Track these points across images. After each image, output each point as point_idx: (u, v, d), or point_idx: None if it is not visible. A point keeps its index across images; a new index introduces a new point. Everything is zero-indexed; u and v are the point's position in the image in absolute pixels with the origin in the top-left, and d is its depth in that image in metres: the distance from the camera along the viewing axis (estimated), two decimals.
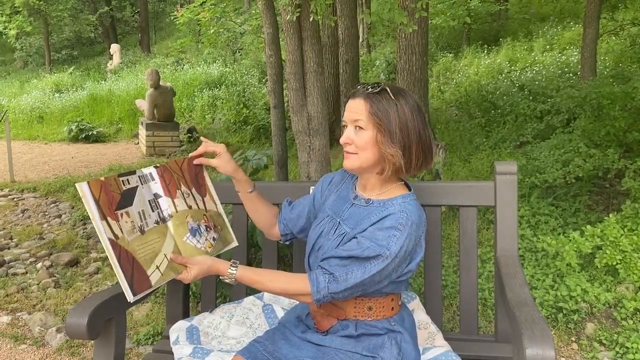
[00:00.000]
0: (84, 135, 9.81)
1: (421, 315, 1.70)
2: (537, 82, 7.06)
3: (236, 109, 8.95)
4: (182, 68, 13.04)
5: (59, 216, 5.28)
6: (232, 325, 1.72)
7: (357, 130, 1.38)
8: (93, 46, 21.46)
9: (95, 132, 9.92)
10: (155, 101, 8.35)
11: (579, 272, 2.95)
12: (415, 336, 1.48)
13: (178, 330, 1.69)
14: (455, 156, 5.54)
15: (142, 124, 8.79)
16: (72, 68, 16.35)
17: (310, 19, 3.23)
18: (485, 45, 10.36)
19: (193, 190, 1.54)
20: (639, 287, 2.89)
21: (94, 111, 11.44)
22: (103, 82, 13.81)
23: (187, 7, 8.09)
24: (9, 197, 6.08)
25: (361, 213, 1.41)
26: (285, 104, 4.41)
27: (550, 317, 2.81)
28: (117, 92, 11.92)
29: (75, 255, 4.17)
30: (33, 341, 2.95)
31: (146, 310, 3.18)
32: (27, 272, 3.92)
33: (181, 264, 1.39)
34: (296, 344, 1.45)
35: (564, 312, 2.80)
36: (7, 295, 3.52)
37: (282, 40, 3.87)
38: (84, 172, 7.25)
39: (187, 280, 1.40)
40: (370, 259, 1.31)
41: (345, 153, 1.41)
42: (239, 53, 13.36)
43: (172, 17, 10.35)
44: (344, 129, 1.41)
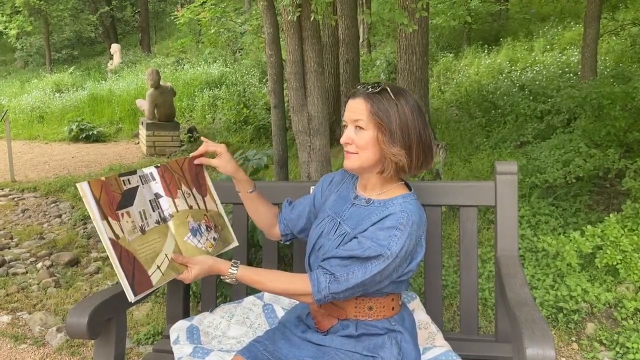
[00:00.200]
0: (84, 135, 9.81)
1: (421, 315, 1.70)
2: (537, 82, 7.06)
3: (236, 108, 8.95)
4: (183, 68, 13.04)
5: (60, 216, 5.28)
6: (233, 325, 1.72)
7: (357, 130, 1.38)
8: (93, 46, 21.45)
9: (95, 132, 9.92)
10: (156, 101, 8.36)
11: (579, 272, 2.95)
12: (415, 336, 1.48)
13: (178, 329, 1.69)
14: (455, 156, 5.54)
15: (142, 123, 8.79)
16: (73, 68, 16.35)
17: (311, 19, 3.23)
18: (486, 45, 10.36)
19: (194, 190, 1.54)
20: (639, 287, 2.89)
21: (94, 111, 11.45)
22: (103, 82, 13.82)
23: (188, 7, 8.09)
24: (10, 196, 6.09)
25: (362, 213, 1.41)
26: (286, 104, 4.41)
27: (550, 317, 2.81)
28: (118, 92, 11.93)
29: (75, 255, 4.17)
30: (33, 341, 2.95)
31: (146, 310, 3.18)
32: (27, 272, 3.92)
33: (182, 263, 1.39)
34: (296, 344, 1.45)
35: (565, 312, 2.80)
36: (8, 295, 3.53)
37: (283, 40, 3.87)
38: (85, 172, 7.25)
39: (187, 280, 1.40)
40: (371, 259, 1.31)
41: (346, 153, 1.41)
42: (239, 53, 13.36)
43: (172, 17, 10.35)
44: (345, 129, 1.41)
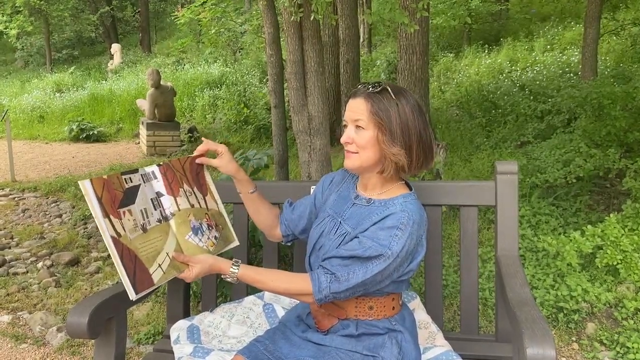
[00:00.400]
0: (84, 135, 9.81)
1: (422, 315, 1.70)
2: (537, 82, 7.06)
3: (237, 108, 8.95)
4: (183, 68, 13.03)
5: (60, 216, 5.29)
6: (233, 325, 1.72)
7: (357, 129, 1.38)
8: (94, 46, 21.45)
9: (96, 132, 9.92)
10: (156, 101, 8.35)
11: (579, 272, 2.95)
12: (415, 335, 1.48)
13: (179, 329, 1.69)
14: (456, 156, 5.54)
15: (142, 123, 8.79)
16: (73, 68, 16.36)
17: (311, 19, 3.23)
18: (486, 45, 10.36)
19: (195, 188, 1.54)
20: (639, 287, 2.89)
21: (94, 111, 11.45)
22: (104, 81, 13.82)
23: (188, 7, 8.09)
24: (10, 196, 6.09)
25: (362, 213, 1.41)
26: (286, 104, 4.41)
27: (550, 316, 2.81)
28: (118, 91, 11.93)
29: (75, 254, 4.17)
30: (34, 340, 2.95)
31: (147, 310, 3.18)
32: (27, 272, 3.93)
33: (183, 262, 1.39)
34: (297, 344, 1.45)
35: (565, 311, 2.80)
36: (8, 295, 3.53)
37: (283, 40, 3.87)
38: (85, 172, 7.26)
39: (189, 279, 1.40)
40: (372, 258, 1.31)
41: (346, 152, 1.41)
42: (239, 53, 13.36)
43: (173, 17, 10.36)
44: (345, 129, 1.42)
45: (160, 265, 1.34)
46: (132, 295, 1.27)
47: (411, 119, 1.35)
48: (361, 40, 9.54)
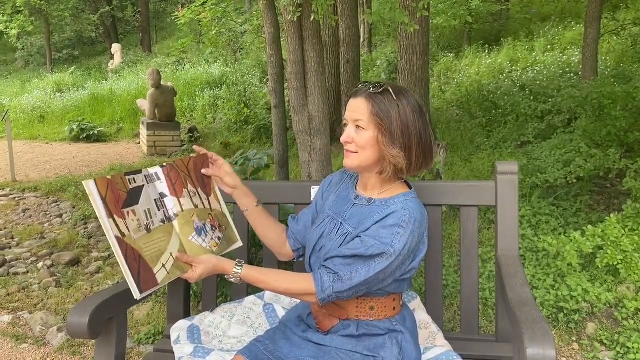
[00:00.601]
0: (85, 135, 9.82)
1: (422, 315, 1.70)
2: (538, 82, 7.06)
3: (237, 108, 8.95)
4: (183, 68, 13.04)
5: (60, 216, 5.29)
6: (233, 325, 1.72)
7: (358, 129, 1.38)
8: (94, 46, 21.46)
9: (96, 132, 9.93)
10: (157, 101, 8.36)
11: (580, 272, 2.95)
12: (416, 336, 1.48)
13: (179, 329, 1.69)
14: (456, 156, 5.54)
15: (143, 123, 8.80)
16: (74, 68, 16.36)
17: (311, 19, 3.23)
18: (487, 45, 10.36)
19: (199, 189, 1.54)
20: None
21: (95, 111, 11.45)
22: (104, 81, 13.82)
23: (189, 7, 8.10)
24: (10, 196, 6.09)
25: (363, 212, 1.42)
26: (286, 104, 4.41)
27: (551, 317, 2.81)
28: (118, 91, 11.93)
29: (76, 254, 4.18)
30: (34, 340, 2.95)
31: (147, 310, 3.18)
32: (28, 272, 3.93)
33: (187, 263, 1.39)
34: (297, 344, 1.45)
35: (565, 312, 2.80)
36: (8, 295, 3.53)
37: (283, 40, 3.87)
38: (85, 172, 7.26)
39: (192, 279, 1.39)
40: (374, 257, 1.31)
41: (346, 151, 1.41)
42: (240, 53, 13.37)
43: (173, 17, 10.36)
44: (345, 128, 1.42)
45: (164, 265, 1.34)
46: (137, 295, 1.27)
47: (412, 120, 1.35)
48: (361, 40, 9.54)
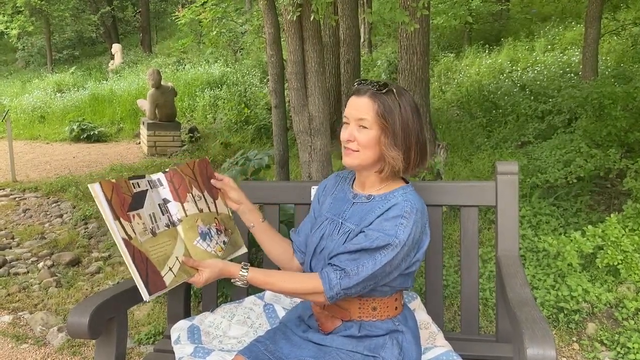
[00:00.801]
0: (85, 135, 9.82)
1: (422, 315, 1.70)
2: (538, 82, 7.06)
3: (237, 108, 8.95)
4: (184, 68, 13.04)
5: (61, 216, 5.29)
6: (233, 325, 1.72)
7: (360, 128, 1.38)
8: (94, 46, 21.46)
9: (96, 132, 9.93)
10: (157, 101, 8.36)
11: (580, 272, 2.95)
12: (417, 335, 1.48)
13: (179, 329, 1.69)
14: (456, 156, 5.54)
15: (143, 123, 8.79)
16: (74, 68, 16.35)
17: (311, 19, 3.23)
18: (487, 45, 10.36)
19: (205, 193, 1.53)
20: None
21: (95, 111, 11.45)
22: (104, 81, 13.82)
23: (189, 8, 8.10)
24: (11, 196, 6.09)
25: (364, 209, 1.42)
26: (287, 104, 4.41)
27: (551, 317, 2.81)
28: (119, 92, 11.93)
29: (76, 254, 4.18)
30: (34, 341, 2.95)
31: (147, 310, 3.18)
32: (28, 272, 3.93)
33: (193, 267, 1.39)
34: (297, 344, 1.45)
35: (565, 312, 2.80)
36: (9, 295, 3.53)
37: (284, 40, 3.87)
38: (86, 172, 7.25)
39: (199, 283, 1.38)
40: (379, 249, 1.31)
41: (346, 149, 1.41)
42: (240, 53, 13.36)
43: (173, 17, 10.36)
44: (345, 126, 1.41)
45: (171, 269, 1.34)
46: (146, 297, 1.26)
47: (411, 120, 1.37)
48: (362, 40, 9.54)
